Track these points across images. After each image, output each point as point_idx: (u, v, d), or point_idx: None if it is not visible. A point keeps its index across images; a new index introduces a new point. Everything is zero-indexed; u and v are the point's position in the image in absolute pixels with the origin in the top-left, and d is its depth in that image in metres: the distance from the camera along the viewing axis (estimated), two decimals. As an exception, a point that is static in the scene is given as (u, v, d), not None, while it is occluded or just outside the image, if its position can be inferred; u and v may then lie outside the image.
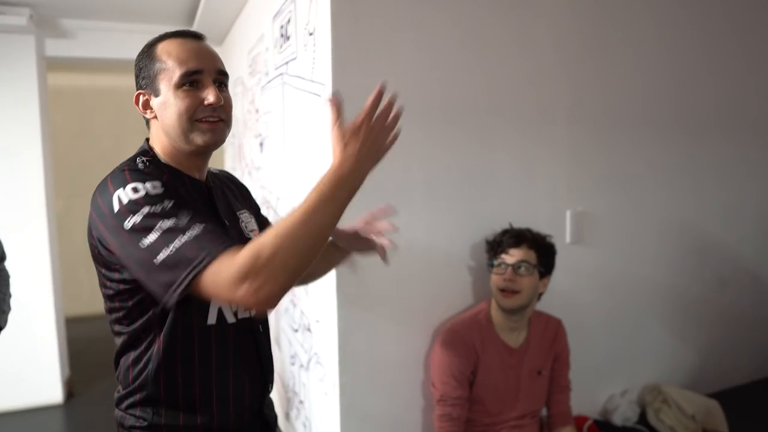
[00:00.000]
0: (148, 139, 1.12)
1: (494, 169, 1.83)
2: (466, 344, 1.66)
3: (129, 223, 0.87)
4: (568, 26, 1.91)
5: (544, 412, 1.82)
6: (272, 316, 2.41)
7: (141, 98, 1.07)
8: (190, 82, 1.01)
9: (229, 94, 1.08)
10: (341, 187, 0.88)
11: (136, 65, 1.08)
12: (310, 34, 1.75)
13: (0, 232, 3.21)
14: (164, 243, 0.85)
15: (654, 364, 2.20)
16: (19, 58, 3.16)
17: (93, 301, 5.35)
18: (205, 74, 1.03)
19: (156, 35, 1.08)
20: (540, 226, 1.90)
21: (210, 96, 1.01)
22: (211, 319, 1.04)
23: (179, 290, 0.84)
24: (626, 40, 2.00)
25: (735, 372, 2.35)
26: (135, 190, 0.90)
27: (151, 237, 0.86)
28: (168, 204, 0.89)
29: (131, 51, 3.76)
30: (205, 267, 0.83)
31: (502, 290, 1.63)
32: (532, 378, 1.72)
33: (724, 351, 2.33)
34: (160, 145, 1.08)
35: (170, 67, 1.02)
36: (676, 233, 2.17)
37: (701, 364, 2.28)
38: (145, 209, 0.88)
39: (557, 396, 1.77)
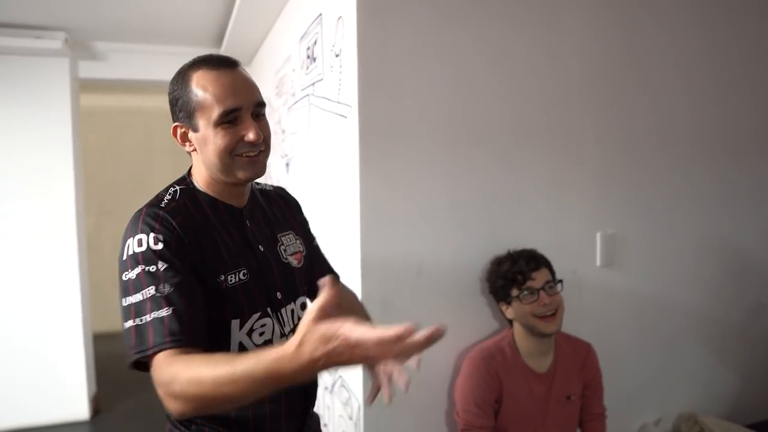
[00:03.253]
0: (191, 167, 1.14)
1: (521, 191, 1.80)
2: (489, 372, 1.61)
3: (125, 276, 0.94)
4: (594, 47, 1.88)
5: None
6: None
7: (179, 131, 1.07)
8: (229, 120, 1.01)
9: (266, 122, 1.08)
10: (273, 380, 0.77)
11: (170, 94, 1.07)
12: (337, 56, 1.76)
13: (31, 249, 3.31)
14: (137, 312, 0.91)
15: (689, 392, 2.11)
16: (53, 80, 3.26)
17: (119, 318, 5.43)
18: (243, 110, 1.02)
19: (188, 59, 1.06)
20: (569, 249, 1.86)
21: (250, 134, 1.01)
22: (234, 349, 1.05)
23: (131, 361, 0.92)
24: (654, 59, 1.96)
25: (776, 402, 2.25)
26: (140, 243, 0.95)
27: (131, 300, 0.93)
28: (161, 266, 0.93)
29: (161, 72, 3.87)
30: (151, 354, 0.89)
31: (541, 317, 1.58)
32: (560, 404, 1.67)
33: (764, 379, 2.23)
34: (200, 175, 1.10)
35: (208, 104, 1.01)
36: (711, 256, 2.10)
37: (739, 392, 2.18)
38: (139, 268, 0.93)
39: (592, 425, 1.70)
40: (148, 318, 0.90)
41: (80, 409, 3.43)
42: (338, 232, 1.79)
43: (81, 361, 3.42)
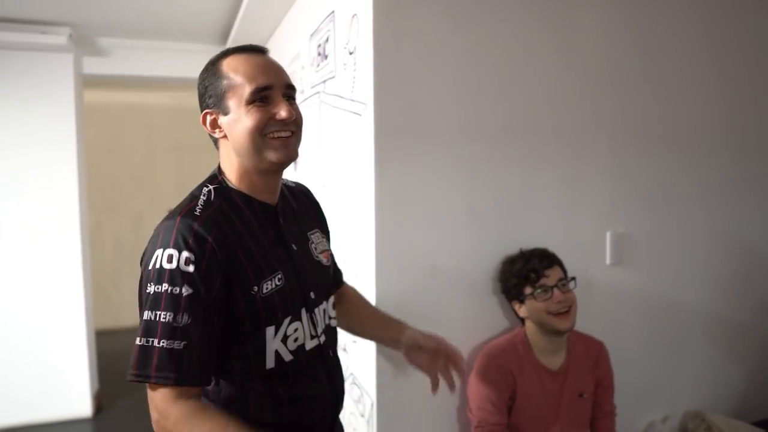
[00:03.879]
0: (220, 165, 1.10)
1: (534, 190, 1.81)
2: (502, 369, 1.62)
3: (149, 288, 0.92)
4: (605, 49, 1.88)
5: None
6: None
7: (208, 118, 1.05)
8: (260, 98, 1.00)
9: (297, 107, 1.06)
10: None
11: (200, 84, 1.06)
12: (351, 53, 1.76)
13: (34, 245, 3.29)
14: (149, 331, 0.90)
15: (696, 390, 2.13)
16: (57, 76, 3.25)
17: (120, 315, 5.41)
18: (275, 89, 1.01)
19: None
20: (580, 248, 1.87)
21: (282, 111, 1.00)
22: (270, 362, 1.02)
23: (131, 380, 0.91)
24: (669, 59, 1.97)
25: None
26: (170, 259, 0.92)
27: (148, 315, 0.91)
28: (185, 292, 0.91)
29: (166, 69, 3.86)
30: (152, 383, 0.90)
31: (555, 314, 1.58)
32: (573, 401, 1.68)
33: (769, 377, 2.25)
34: (230, 166, 1.06)
35: (239, 84, 1.00)
36: (719, 255, 2.12)
37: (746, 390, 2.20)
38: (164, 286, 0.91)
39: (602, 422, 1.71)
40: (156, 343, 0.89)
41: (83, 407, 3.42)
42: (352, 231, 1.79)
43: (84, 358, 3.41)
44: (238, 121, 1.00)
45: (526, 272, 1.62)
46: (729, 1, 2.07)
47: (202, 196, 1.01)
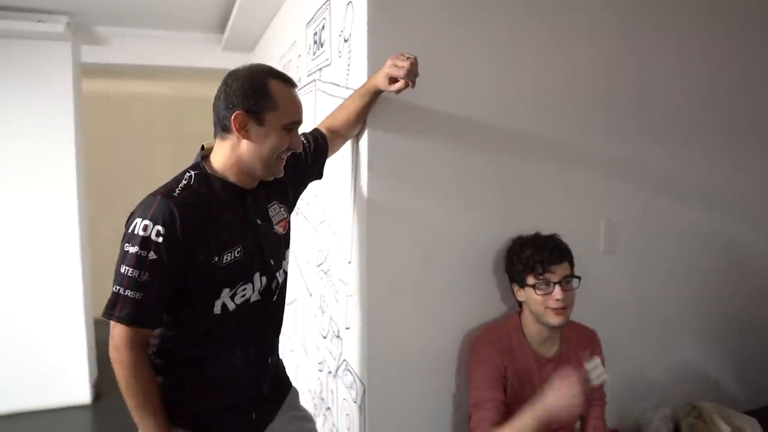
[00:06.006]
0: (203, 147, 1.31)
1: (530, 178, 1.81)
2: (496, 349, 1.63)
3: (125, 247, 1.16)
4: (606, 35, 1.88)
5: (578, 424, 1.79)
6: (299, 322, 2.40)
7: (240, 117, 1.21)
8: (290, 128, 1.26)
9: None
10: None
11: (237, 85, 1.21)
12: (345, 41, 1.76)
13: (33, 234, 3.31)
14: (121, 281, 1.16)
15: (689, 379, 2.14)
16: (55, 65, 3.25)
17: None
18: (298, 125, 1.30)
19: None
20: (573, 236, 1.86)
21: (297, 145, 1.29)
22: (216, 310, 1.26)
23: (103, 316, 1.18)
24: (665, 49, 1.97)
25: (774, 389, 2.28)
26: (145, 228, 1.15)
27: (122, 268, 1.16)
28: (151, 256, 1.14)
29: (164, 58, 3.84)
30: (115, 320, 1.17)
31: (552, 308, 1.57)
32: (565, 389, 1.68)
33: (759, 367, 2.26)
34: (227, 157, 1.26)
35: (283, 110, 1.23)
36: (714, 245, 2.12)
37: (738, 380, 2.22)
38: (136, 248, 1.15)
39: (592, 410, 1.72)
40: (122, 292, 1.15)
41: (82, 394, 3.46)
42: (345, 218, 1.80)
43: (83, 346, 3.43)
44: (268, 136, 1.23)
45: (533, 263, 1.60)
46: (722, 5, 2.06)
47: (183, 180, 1.22)
